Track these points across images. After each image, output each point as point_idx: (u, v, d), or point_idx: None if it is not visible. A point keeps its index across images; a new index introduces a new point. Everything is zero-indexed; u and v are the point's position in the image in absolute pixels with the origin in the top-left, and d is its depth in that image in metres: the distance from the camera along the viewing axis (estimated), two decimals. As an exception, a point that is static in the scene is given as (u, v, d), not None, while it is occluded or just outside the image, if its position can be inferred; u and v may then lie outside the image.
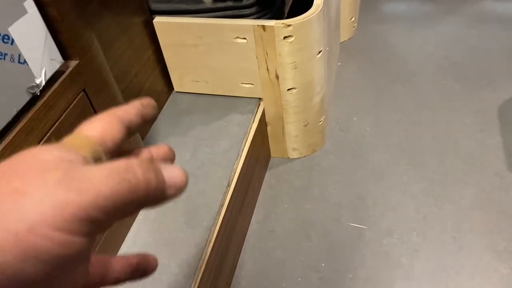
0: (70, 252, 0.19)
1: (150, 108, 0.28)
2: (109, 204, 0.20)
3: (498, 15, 1.45)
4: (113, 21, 0.80)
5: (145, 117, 0.28)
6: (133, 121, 0.26)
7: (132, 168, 0.21)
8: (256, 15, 0.89)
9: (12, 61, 0.49)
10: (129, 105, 0.27)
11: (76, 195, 0.19)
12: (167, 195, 0.23)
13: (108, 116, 0.26)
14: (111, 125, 0.25)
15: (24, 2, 0.50)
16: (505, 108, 1.13)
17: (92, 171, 0.20)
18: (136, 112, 0.27)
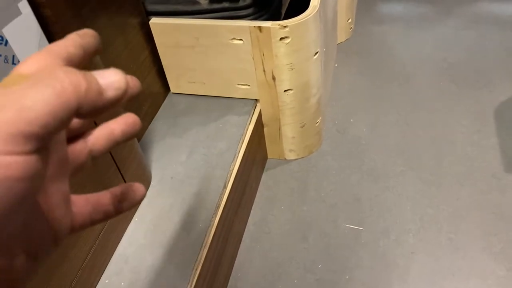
0: (15, 173, 0.18)
1: (89, 37, 0.26)
2: (37, 113, 0.19)
3: (494, 16, 1.45)
4: (109, 22, 0.79)
5: (86, 48, 0.26)
6: (72, 53, 0.25)
7: (54, 73, 0.20)
8: (252, 16, 0.89)
9: (6, 62, 0.49)
10: (64, 39, 0.26)
11: (1, 114, 0.18)
12: (106, 97, 0.22)
13: (43, 52, 0.24)
14: (48, 61, 0.24)
15: (19, 3, 0.50)
16: (501, 109, 1.13)
17: (13, 87, 0.19)
18: (73, 43, 0.25)
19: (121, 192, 0.28)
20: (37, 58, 0.23)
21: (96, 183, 0.67)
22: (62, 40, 0.25)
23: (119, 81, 0.22)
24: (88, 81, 0.21)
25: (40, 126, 0.19)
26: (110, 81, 0.22)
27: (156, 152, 0.90)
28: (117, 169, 0.73)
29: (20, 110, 0.18)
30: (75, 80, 0.20)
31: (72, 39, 0.25)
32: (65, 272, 0.62)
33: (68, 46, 0.25)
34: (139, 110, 0.92)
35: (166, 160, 0.88)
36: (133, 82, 0.27)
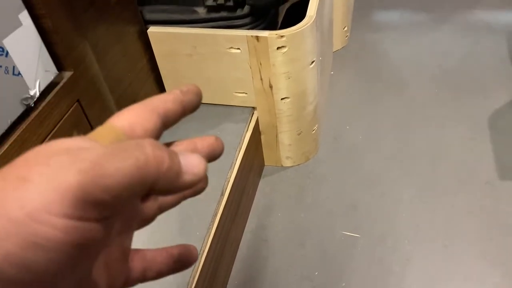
0: (76, 239, 0.18)
1: (191, 95, 0.26)
2: (114, 183, 0.18)
3: (488, 24, 1.47)
4: (107, 31, 0.80)
5: (186, 106, 0.25)
6: (170, 110, 0.24)
7: (141, 145, 0.19)
8: (249, 26, 0.89)
9: (7, 73, 0.50)
10: (167, 93, 0.25)
11: (78, 175, 0.18)
12: (183, 180, 0.21)
13: (140, 105, 0.24)
14: (142, 115, 0.23)
15: (19, 14, 0.51)
16: (496, 117, 1.15)
17: (98, 150, 0.19)
18: (174, 99, 0.25)
19: (178, 252, 0.27)
20: (133, 111, 0.24)
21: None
22: (164, 94, 0.25)
23: (199, 167, 0.22)
24: (171, 160, 0.20)
25: (113, 196, 0.18)
26: (190, 164, 0.21)
27: (153, 160, 0.90)
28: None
29: (99, 175, 0.18)
30: (160, 157, 0.20)
31: (174, 94, 0.25)
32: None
33: (168, 102, 0.25)
34: (137, 118, 0.92)
35: (163, 168, 0.89)
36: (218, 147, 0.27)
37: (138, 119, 0.23)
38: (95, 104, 0.65)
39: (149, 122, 0.24)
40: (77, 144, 0.20)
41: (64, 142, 0.20)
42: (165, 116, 0.24)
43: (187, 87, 0.26)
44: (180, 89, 0.26)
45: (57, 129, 0.57)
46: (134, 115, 0.23)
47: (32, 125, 0.54)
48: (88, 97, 0.63)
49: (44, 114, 0.55)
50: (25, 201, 0.17)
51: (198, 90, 0.27)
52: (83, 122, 0.63)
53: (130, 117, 0.23)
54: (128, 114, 0.24)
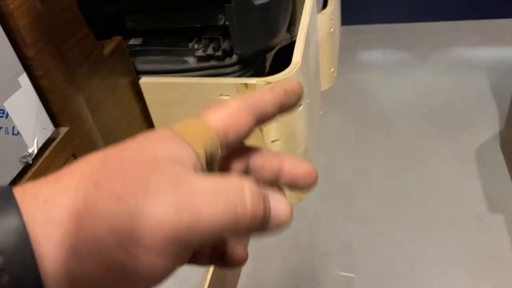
0: (152, 273, 0.18)
1: (294, 96, 0.25)
2: (208, 229, 0.18)
3: (469, 61, 1.52)
4: (101, 83, 0.83)
5: (284, 107, 0.24)
6: (268, 112, 0.23)
7: (242, 192, 0.19)
8: (238, 73, 0.93)
9: (7, 133, 0.52)
10: (269, 91, 0.24)
11: (174, 213, 0.17)
12: (268, 226, 0.21)
13: (240, 103, 0.23)
14: (239, 115, 0.22)
15: (19, 77, 0.53)
16: (481, 151, 1.18)
17: (198, 185, 0.18)
18: (275, 101, 0.24)
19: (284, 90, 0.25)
20: (230, 110, 0.23)
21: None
22: (265, 92, 0.24)
23: (286, 214, 0.21)
24: (265, 211, 0.20)
25: (203, 240, 0.18)
26: (278, 210, 0.21)
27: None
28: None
29: (195, 220, 0.17)
30: (257, 208, 0.19)
31: (276, 95, 0.24)
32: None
33: (268, 104, 0.24)
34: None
35: (158, 214, 0.90)
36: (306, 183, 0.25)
37: (234, 121, 0.22)
38: (91, 156, 0.67)
39: (244, 125, 0.23)
40: (174, 155, 0.19)
41: (159, 146, 0.19)
42: (261, 118, 0.23)
43: (291, 86, 0.25)
44: (284, 87, 0.24)
45: (54, 184, 0.59)
46: (231, 115, 0.22)
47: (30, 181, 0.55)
48: (83, 150, 0.65)
49: (42, 170, 0.57)
50: (115, 227, 0.17)
51: (301, 89, 0.25)
52: (79, 175, 0.64)
53: (226, 117, 0.22)
54: (225, 113, 0.23)
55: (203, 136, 0.21)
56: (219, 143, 0.22)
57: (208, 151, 0.21)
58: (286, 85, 0.25)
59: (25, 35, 0.54)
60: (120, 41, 0.88)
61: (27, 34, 0.54)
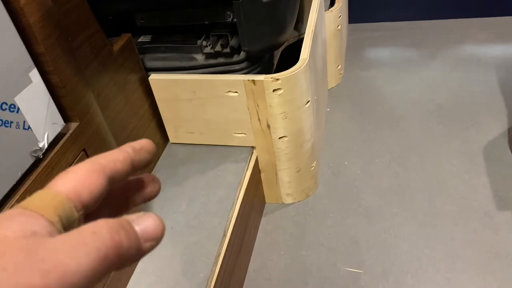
0: None
1: (144, 153, 0.25)
2: (80, 278, 0.18)
3: (478, 58, 1.52)
4: (110, 80, 0.84)
5: (136, 165, 0.25)
6: (119, 170, 0.24)
7: (99, 233, 0.19)
8: (246, 70, 0.93)
9: (18, 128, 0.52)
10: (117, 150, 0.24)
11: (41, 278, 0.17)
12: (144, 250, 0.21)
13: (87, 165, 0.23)
14: (89, 177, 0.22)
15: (30, 73, 0.54)
16: (490, 148, 1.17)
17: (56, 245, 0.18)
18: (124, 159, 0.24)
19: None
20: (78, 173, 0.22)
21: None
22: (113, 152, 0.24)
23: (157, 231, 0.21)
24: (129, 238, 0.20)
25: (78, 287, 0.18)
26: (149, 233, 0.21)
27: (156, 202, 0.92)
28: (119, 221, 0.75)
29: (63, 276, 0.17)
30: (118, 241, 0.19)
31: (124, 153, 0.24)
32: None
33: (117, 162, 0.24)
34: (139, 161, 0.94)
35: (166, 210, 0.91)
36: None
37: (84, 182, 0.22)
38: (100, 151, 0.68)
39: (95, 185, 0.23)
40: (25, 229, 0.19)
41: (7, 224, 0.19)
42: (113, 177, 0.23)
43: (140, 144, 0.25)
44: (132, 146, 0.25)
45: (64, 178, 0.60)
46: (79, 177, 0.22)
47: (40, 175, 0.56)
48: (93, 145, 0.66)
49: (52, 165, 0.58)
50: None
51: (151, 146, 0.26)
52: (88, 170, 0.65)
53: (75, 180, 0.22)
54: (72, 177, 0.22)
55: (53, 203, 0.21)
56: (73, 206, 0.22)
57: (63, 216, 0.21)
58: (135, 144, 0.25)
59: (36, 31, 0.55)
60: (129, 38, 0.89)
61: (38, 30, 0.55)
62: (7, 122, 0.51)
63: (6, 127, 0.51)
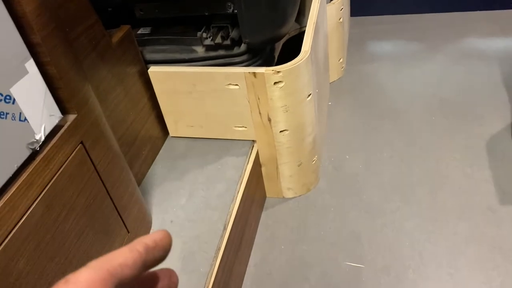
0: None
1: (158, 251, 0.22)
2: None
3: (481, 52, 1.50)
4: (109, 73, 0.83)
5: (149, 265, 0.22)
6: (127, 276, 0.21)
7: None
8: (247, 63, 0.92)
9: (13, 120, 0.51)
10: (127, 250, 0.21)
11: None
12: None
13: (91, 273, 0.20)
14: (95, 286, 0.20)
15: (26, 63, 0.53)
16: (492, 142, 1.16)
17: None
18: (134, 262, 0.21)
19: None
20: (81, 284, 0.20)
21: (98, 229, 0.68)
22: (122, 252, 0.21)
23: None
24: None
25: None
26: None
27: (156, 196, 0.91)
28: (118, 215, 0.74)
29: None
30: None
31: (136, 253, 0.21)
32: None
33: (126, 267, 0.21)
34: (138, 155, 0.94)
35: (166, 204, 0.90)
36: None
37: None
38: (98, 144, 0.67)
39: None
40: None
41: None
42: (120, 283, 0.21)
43: (153, 241, 0.22)
44: (145, 244, 0.22)
45: (62, 171, 0.59)
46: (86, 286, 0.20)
47: (37, 168, 0.55)
48: (91, 138, 0.65)
49: (49, 157, 0.57)
50: None
51: (168, 242, 0.23)
52: (87, 163, 0.64)
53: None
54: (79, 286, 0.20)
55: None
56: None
57: None
58: (148, 240, 0.22)
59: (32, 20, 0.54)
60: (128, 30, 0.88)
61: (34, 20, 0.54)
62: (3, 113, 0.50)
63: (2, 119, 0.50)
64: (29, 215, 0.53)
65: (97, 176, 0.67)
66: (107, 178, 0.69)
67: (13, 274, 0.51)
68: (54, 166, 0.58)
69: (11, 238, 0.51)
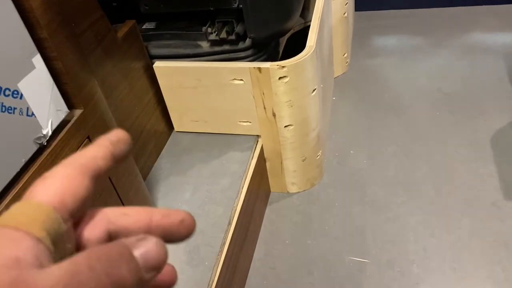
0: None
1: (122, 144, 0.23)
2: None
3: (486, 46, 1.49)
4: (114, 67, 0.83)
5: (117, 157, 0.22)
6: (101, 167, 0.21)
7: (94, 269, 0.16)
8: (251, 58, 0.92)
9: (21, 114, 0.52)
10: (95, 146, 0.22)
11: None
12: (145, 282, 0.18)
13: (66, 167, 0.21)
14: (71, 181, 0.20)
15: (33, 58, 0.53)
16: (497, 137, 1.16)
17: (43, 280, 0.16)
18: (104, 154, 0.22)
19: None
20: (60, 178, 0.20)
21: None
22: (91, 149, 0.22)
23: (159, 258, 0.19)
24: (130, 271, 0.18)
25: None
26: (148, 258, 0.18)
27: (161, 191, 0.92)
28: (124, 209, 0.75)
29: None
30: (118, 277, 0.17)
31: (103, 147, 0.22)
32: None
33: (98, 159, 0.22)
34: (143, 149, 0.94)
35: (171, 198, 0.90)
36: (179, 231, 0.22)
37: (68, 188, 0.20)
38: (104, 139, 0.68)
39: (80, 188, 0.20)
40: (6, 255, 0.16)
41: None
42: (97, 176, 0.21)
43: (116, 136, 0.23)
44: (109, 139, 0.22)
45: (69, 166, 0.59)
46: (62, 183, 0.20)
47: (44, 163, 0.55)
48: (97, 133, 0.65)
49: (56, 152, 0.57)
50: None
51: (127, 137, 0.23)
52: (93, 157, 0.64)
53: (58, 187, 0.20)
54: (53, 183, 0.20)
55: (37, 217, 0.18)
56: (60, 217, 0.19)
57: (50, 230, 0.18)
58: (111, 136, 0.23)
59: (39, 15, 0.54)
60: (134, 25, 0.88)
61: (40, 15, 0.54)
62: (10, 108, 0.50)
63: (10, 114, 0.50)
64: (36, 209, 0.54)
65: (103, 171, 0.67)
66: (113, 173, 0.70)
67: (21, 268, 0.52)
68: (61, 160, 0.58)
69: (19, 232, 0.51)
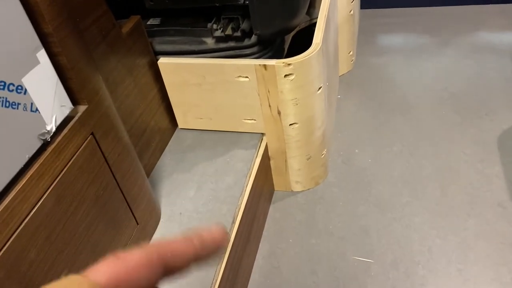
0: None
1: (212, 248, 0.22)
2: None
3: (492, 46, 1.48)
4: (119, 63, 0.82)
5: (201, 260, 0.21)
6: (176, 266, 0.20)
7: None
8: (257, 55, 0.91)
9: (25, 110, 0.51)
10: (185, 240, 0.21)
11: None
12: None
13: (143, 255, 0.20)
14: (138, 270, 0.19)
15: (37, 54, 0.53)
16: (504, 138, 1.15)
17: None
18: (188, 254, 0.21)
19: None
20: (127, 261, 0.19)
21: (107, 221, 0.68)
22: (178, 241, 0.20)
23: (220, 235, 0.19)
24: None
25: None
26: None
27: (165, 188, 0.91)
28: (128, 207, 0.74)
29: None
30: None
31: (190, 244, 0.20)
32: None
33: (177, 256, 0.20)
34: (147, 146, 0.93)
35: (174, 196, 0.90)
36: None
37: (130, 276, 0.19)
38: (109, 135, 0.67)
39: (142, 281, 0.19)
40: None
41: None
42: (168, 272, 0.20)
43: (212, 236, 0.21)
44: (201, 238, 0.21)
45: (72, 162, 0.59)
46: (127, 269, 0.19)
47: (48, 159, 0.55)
48: (101, 129, 0.65)
49: (60, 148, 0.56)
50: None
51: (224, 239, 0.22)
52: (97, 154, 0.64)
53: (121, 272, 0.19)
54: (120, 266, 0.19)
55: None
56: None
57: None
58: (206, 234, 0.21)
59: (43, 10, 0.53)
60: (138, 21, 0.87)
61: (45, 10, 0.54)
62: (14, 103, 0.49)
63: (14, 109, 0.50)
64: (40, 205, 0.53)
65: (107, 168, 0.67)
66: (117, 170, 0.69)
67: (25, 264, 0.51)
68: (65, 157, 0.58)
69: (23, 228, 0.51)
